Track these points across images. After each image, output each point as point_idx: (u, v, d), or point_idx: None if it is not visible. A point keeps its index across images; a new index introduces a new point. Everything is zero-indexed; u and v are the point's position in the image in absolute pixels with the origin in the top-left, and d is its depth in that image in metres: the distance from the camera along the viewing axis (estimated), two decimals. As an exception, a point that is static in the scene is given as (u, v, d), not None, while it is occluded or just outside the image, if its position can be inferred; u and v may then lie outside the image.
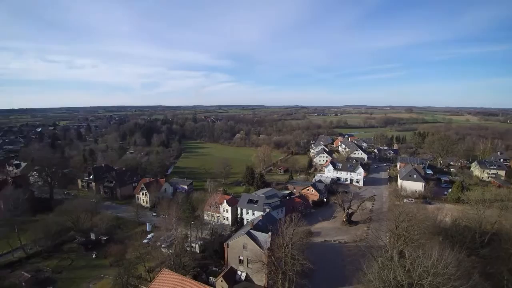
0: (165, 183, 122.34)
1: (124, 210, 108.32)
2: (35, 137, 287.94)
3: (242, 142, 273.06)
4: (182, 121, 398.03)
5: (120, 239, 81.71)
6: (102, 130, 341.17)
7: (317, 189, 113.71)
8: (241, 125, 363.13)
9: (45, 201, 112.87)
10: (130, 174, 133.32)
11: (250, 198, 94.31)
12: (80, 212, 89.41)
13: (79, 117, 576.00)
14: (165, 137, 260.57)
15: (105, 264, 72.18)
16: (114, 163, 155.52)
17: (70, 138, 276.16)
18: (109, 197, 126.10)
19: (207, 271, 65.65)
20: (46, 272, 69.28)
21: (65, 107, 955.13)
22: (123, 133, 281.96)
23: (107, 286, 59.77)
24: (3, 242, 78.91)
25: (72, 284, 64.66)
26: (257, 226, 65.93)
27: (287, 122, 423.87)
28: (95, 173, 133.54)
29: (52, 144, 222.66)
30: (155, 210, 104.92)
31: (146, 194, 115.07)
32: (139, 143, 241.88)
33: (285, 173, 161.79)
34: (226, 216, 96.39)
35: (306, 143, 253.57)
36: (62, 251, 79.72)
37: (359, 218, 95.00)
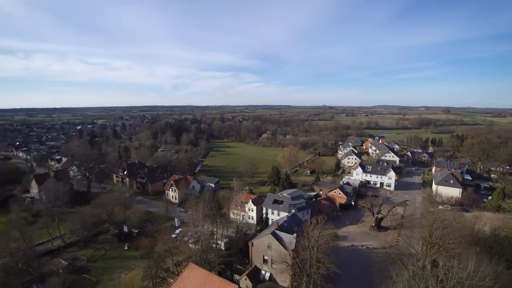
0: (193, 181, 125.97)
1: (155, 205, 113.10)
2: (75, 134, 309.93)
3: (268, 142, 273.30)
4: (210, 121, 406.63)
5: (150, 233, 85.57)
6: (135, 128, 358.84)
7: (345, 191, 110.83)
8: (267, 125, 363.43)
9: (83, 194, 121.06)
10: (160, 171, 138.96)
11: (276, 198, 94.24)
12: (114, 205, 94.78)
13: (115, 116, 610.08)
14: (193, 136, 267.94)
15: (136, 255, 75.93)
16: (146, 160, 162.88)
17: (107, 135, 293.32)
18: (141, 192, 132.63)
19: (231, 269, 66.66)
20: (82, 260, 74.16)
21: (103, 107, 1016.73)
22: (155, 132, 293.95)
23: (137, 276, 62.81)
24: (44, 231, 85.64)
25: (105, 273, 68.76)
26: (282, 226, 65.81)
27: (314, 122, 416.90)
28: (128, 169, 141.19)
29: (90, 141, 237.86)
30: (183, 206, 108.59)
31: (175, 191, 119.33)
32: (169, 141, 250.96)
33: (312, 174, 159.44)
34: (251, 215, 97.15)
35: (334, 144, 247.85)
36: (97, 241, 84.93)
37: (389, 223, 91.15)
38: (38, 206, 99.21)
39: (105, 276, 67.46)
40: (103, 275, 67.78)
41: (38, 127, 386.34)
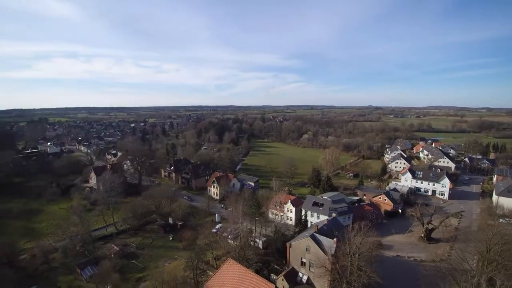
0: (233, 179, 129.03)
1: (197, 200, 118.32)
2: (129, 131, 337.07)
3: (309, 143, 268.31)
4: (251, 121, 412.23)
5: (192, 226, 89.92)
6: (182, 127, 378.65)
7: (391, 198, 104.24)
8: (309, 125, 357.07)
9: (134, 186, 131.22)
10: (203, 168, 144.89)
11: (316, 200, 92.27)
12: (161, 198, 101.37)
13: (164, 115, 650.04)
14: (235, 135, 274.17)
15: (179, 246, 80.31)
16: (191, 157, 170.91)
17: (157, 133, 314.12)
18: (185, 187, 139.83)
19: (268, 268, 66.91)
20: (131, 247, 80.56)
21: (154, 106, 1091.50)
22: (199, 130, 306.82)
23: (179, 266, 66.31)
24: (100, 218, 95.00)
25: (151, 260, 73.94)
26: (322, 230, 64.20)
27: (359, 123, 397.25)
28: (175, 165, 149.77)
29: (142, 138, 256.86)
30: (224, 203, 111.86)
31: (216, 187, 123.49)
32: (212, 140, 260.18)
33: (355, 178, 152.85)
34: (289, 216, 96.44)
35: (380, 147, 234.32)
36: (145, 230, 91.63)
37: (440, 235, 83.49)
38: (96, 195, 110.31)
39: (151, 263, 72.57)
40: (149, 262, 72.98)
41: (97, 124, 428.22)
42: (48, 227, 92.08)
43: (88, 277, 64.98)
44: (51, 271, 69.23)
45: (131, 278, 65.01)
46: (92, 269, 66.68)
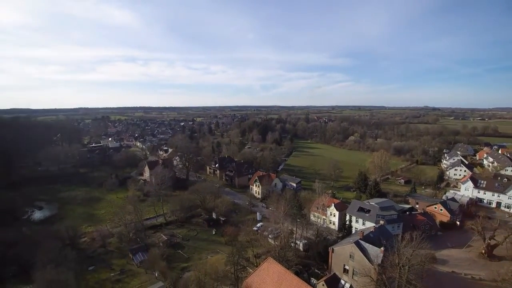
0: (275, 178, 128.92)
1: (240, 198, 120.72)
2: (179, 129, 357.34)
3: (356, 145, 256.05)
4: (295, 121, 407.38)
5: (235, 222, 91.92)
6: (227, 126, 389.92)
7: (448, 208, 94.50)
8: (355, 127, 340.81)
9: (182, 180, 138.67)
10: (246, 167, 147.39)
11: (362, 206, 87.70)
12: (206, 193, 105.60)
13: (211, 115, 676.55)
14: (278, 135, 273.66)
15: (221, 241, 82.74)
16: (235, 155, 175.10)
17: (203, 131, 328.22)
18: (229, 184, 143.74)
19: (309, 271, 65.46)
20: (178, 238, 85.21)
21: (201, 106, 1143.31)
22: (243, 130, 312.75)
23: (221, 260, 68.13)
24: (151, 208, 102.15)
25: (195, 252, 77.30)
26: (368, 237, 60.78)
27: (412, 125, 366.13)
28: (219, 162, 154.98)
29: (190, 136, 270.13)
30: (265, 202, 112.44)
31: (258, 186, 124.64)
32: (255, 139, 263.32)
33: (406, 184, 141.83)
34: (333, 220, 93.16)
35: (437, 152, 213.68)
36: (191, 223, 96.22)
37: (504, 252, 73.27)
38: (148, 187, 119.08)
39: (195, 254, 75.94)
40: (193, 254, 76.41)
41: (151, 122, 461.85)
42: (107, 214, 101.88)
43: (139, 262, 70.31)
44: (107, 254, 76.38)
45: (177, 267, 68.72)
46: (142, 255, 72.02)
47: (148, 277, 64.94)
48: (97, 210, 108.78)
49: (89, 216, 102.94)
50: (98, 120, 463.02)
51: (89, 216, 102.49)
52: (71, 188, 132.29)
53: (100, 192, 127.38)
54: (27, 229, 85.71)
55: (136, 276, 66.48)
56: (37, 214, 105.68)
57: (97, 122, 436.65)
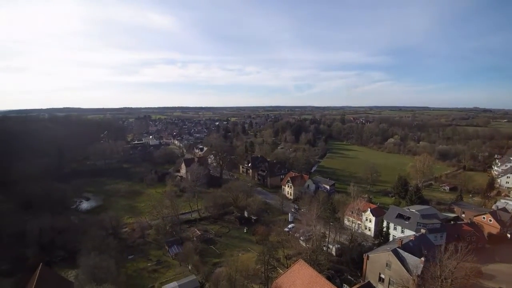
0: (308, 180, 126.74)
1: (271, 198, 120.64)
2: (214, 129, 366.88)
3: (396, 148, 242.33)
4: (330, 122, 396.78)
5: (266, 222, 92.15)
6: (260, 126, 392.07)
7: (498, 219, 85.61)
8: (395, 128, 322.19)
9: (216, 178, 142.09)
10: (279, 167, 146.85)
11: (401, 212, 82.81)
12: (239, 192, 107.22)
13: (245, 115, 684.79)
14: (312, 136, 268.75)
15: (252, 239, 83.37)
16: (267, 155, 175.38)
17: (237, 131, 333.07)
18: (261, 184, 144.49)
19: (341, 277, 63.41)
20: (211, 233, 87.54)
21: (236, 106, 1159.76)
22: (276, 130, 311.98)
23: (252, 258, 68.59)
24: (186, 204, 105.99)
25: (227, 249, 78.75)
26: (407, 246, 57.30)
27: (460, 128, 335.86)
28: (252, 162, 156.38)
29: (224, 135, 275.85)
30: (297, 203, 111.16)
31: (291, 187, 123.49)
32: (288, 140, 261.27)
33: (451, 191, 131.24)
34: (368, 226, 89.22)
35: (487, 158, 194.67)
36: (223, 220, 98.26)
37: None
38: (184, 183, 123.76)
39: (226, 251, 77.38)
40: (225, 250, 77.93)
41: (188, 122, 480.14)
42: (146, 207, 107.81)
43: (174, 254, 73.40)
44: (145, 245, 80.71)
45: (209, 262, 70.57)
46: (177, 248, 75.10)
47: (182, 269, 67.52)
48: (138, 203, 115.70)
49: (130, 208, 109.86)
50: (141, 119, 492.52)
51: (130, 208, 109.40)
52: (115, 182, 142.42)
53: (141, 186, 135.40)
54: (75, 218, 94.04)
55: (171, 267, 69.51)
56: (84, 205, 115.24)
57: (140, 121, 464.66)
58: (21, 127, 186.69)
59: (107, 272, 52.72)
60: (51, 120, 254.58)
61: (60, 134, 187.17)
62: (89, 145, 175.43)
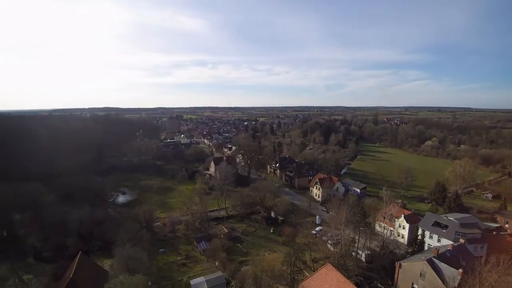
0: (337, 182, 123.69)
1: (299, 199, 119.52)
2: (242, 128, 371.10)
3: (433, 151, 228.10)
4: (361, 123, 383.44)
5: (293, 223, 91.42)
6: (289, 126, 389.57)
7: (556, 233, 77.21)
8: (433, 130, 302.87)
9: (244, 178, 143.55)
10: (307, 168, 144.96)
11: (438, 220, 77.99)
12: (266, 191, 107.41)
13: (273, 115, 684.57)
14: (342, 137, 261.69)
15: (278, 240, 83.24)
16: (295, 156, 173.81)
17: (265, 131, 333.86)
18: (288, 184, 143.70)
19: (371, 284, 61.31)
20: (238, 232, 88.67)
21: (264, 107, 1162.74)
22: (305, 131, 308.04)
23: (278, 259, 68.20)
24: (215, 201, 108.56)
25: (253, 248, 79.37)
26: (443, 256, 53.92)
27: (506, 131, 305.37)
28: (280, 162, 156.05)
29: (253, 135, 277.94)
30: (325, 205, 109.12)
31: (319, 189, 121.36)
32: (317, 140, 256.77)
33: (495, 199, 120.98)
34: (401, 233, 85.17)
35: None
36: (250, 219, 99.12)
37: None
38: (213, 181, 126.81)
39: (253, 250, 78.03)
40: (251, 249, 78.62)
41: (218, 121, 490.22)
42: (177, 203, 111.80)
43: (202, 250, 75.43)
44: (175, 239, 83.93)
45: (235, 260, 71.67)
46: (205, 244, 77.04)
47: (209, 265, 69.29)
48: (169, 198, 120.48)
49: (162, 203, 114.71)
50: (173, 119, 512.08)
51: (162, 204, 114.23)
52: (148, 178, 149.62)
53: (172, 183, 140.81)
54: (112, 211, 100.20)
55: (198, 262, 71.64)
56: (120, 198, 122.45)
57: (172, 120, 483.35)
58: (65, 125, 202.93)
59: (140, 263, 55.33)
60: (92, 119, 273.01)
61: (100, 132, 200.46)
62: (126, 142, 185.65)
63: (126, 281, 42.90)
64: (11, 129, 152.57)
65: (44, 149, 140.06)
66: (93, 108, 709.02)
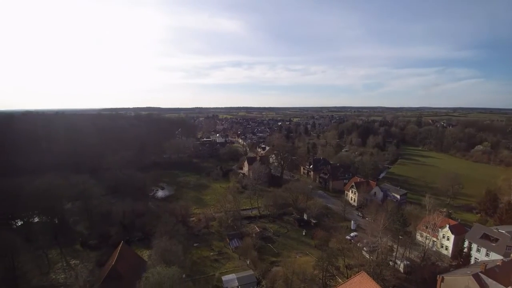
0: (375, 187, 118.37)
1: (333, 202, 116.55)
2: (276, 128, 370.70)
3: (484, 157, 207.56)
4: (403, 124, 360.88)
5: (326, 227, 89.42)
6: (323, 127, 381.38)
7: None
8: (485, 134, 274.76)
9: (276, 178, 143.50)
10: (342, 171, 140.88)
11: (487, 232, 71.17)
12: (299, 193, 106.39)
13: (308, 115, 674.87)
14: (381, 140, 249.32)
15: (310, 243, 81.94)
16: (330, 158, 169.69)
17: (299, 132, 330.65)
18: (322, 187, 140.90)
19: (409, 296, 57.83)
20: (269, 232, 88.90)
21: (298, 107, 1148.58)
22: (341, 132, 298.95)
23: (309, 263, 67.57)
24: (247, 200, 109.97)
25: (284, 249, 79.04)
26: (492, 271, 49.29)
27: None
28: (314, 164, 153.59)
29: (286, 135, 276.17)
30: (361, 210, 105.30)
31: (355, 193, 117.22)
32: (354, 142, 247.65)
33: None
34: (445, 244, 79.16)
35: None
36: (282, 220, 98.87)
37: None
38: (246, 181, 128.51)
39: (284, 251, 77.79)
40: (283, 250, 78.43)
41: (252, 121, 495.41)
42: (211, 200, 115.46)
43: (234, 247, 76.99)
44: (209, 235, 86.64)
45: (266, 260, 71.99)
46: (237, 242, 78.61)
47: (240, 263, 70.49)
48: (204, 195, 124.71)
49: (197, 199, 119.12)
50: (209, 118, 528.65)
51: (197, 200, 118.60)
52: (185, 174, 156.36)
53: (207, 180, 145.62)
54: (152, 204, 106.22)
55: (230, 259, 73.21)
56: (160, 193, 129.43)
57: (208, 120, 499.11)
58: (112, 123, 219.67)
59: (176, 255, 57.84)
60: (136, 118, 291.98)
61: (143, 130, 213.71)
62: (165, 140, 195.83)
63: (162, 272, 45.20)
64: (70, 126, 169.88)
65: (93, 145, 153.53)
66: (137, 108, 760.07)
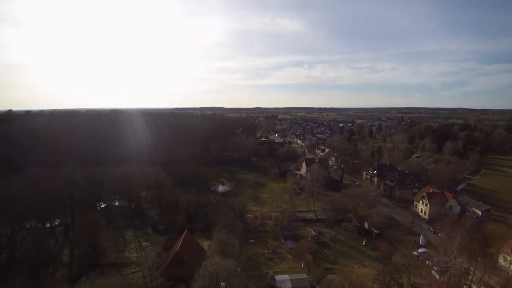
0: (452, 199, 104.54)
1: (399, 213, 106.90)
2: (337, 130, 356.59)
3: None
4: (489, 129, 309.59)
5: (390, 239, 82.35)
6: (391, 130, 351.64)
7: None
8: None
9: (336, 182, 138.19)
10: (412, 179, 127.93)
11: None
12: (360, 200, 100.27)
13: (373, 117, 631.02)
14: (461, 146, 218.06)
15: (371, 255, 76.49)
16: (398, 164, 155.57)
17: (363, 134, 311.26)
18: (387, 195, 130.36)
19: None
20: (326, 237, 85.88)
21: (363, 107, 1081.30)
22: (412, 136, 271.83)
23: (369, 275, 62.78)
24: (304, 202, 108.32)
25: (341, 257, 75.36)
26: None
27: None
28: (378, 169, 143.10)
29: (348, 138, 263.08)
30: (433, 224, 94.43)
31: (426, 204, 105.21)
32: (428, 148, 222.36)
33: None
34: (543, 275, 65.30)
35: None
36: (340, 226, 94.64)
37: None
38: (304, 182, 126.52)
39: (341, 259, 74.21)
40: (340, 258, 74.92)
41: (312, 122, 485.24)
42: (268, 198, 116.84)
43: (288, 248, 76.45)
44: (264, 233, 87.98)
45: (321, 265, 69.51)
46: (292, 243, 77.86)
47: (294, 265, 69.69)
48: (261, 193, 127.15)
49: (254, 197, 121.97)
50: (269, 118, 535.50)
51: (254, 197, 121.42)
52: (244, 172, 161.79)
53: (265, 179, 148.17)
54: (213, 198, 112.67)
55: (284, 260, 73.00)
56: (220, 188, 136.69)
57: (268, 119, 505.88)
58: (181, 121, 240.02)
59: (233, 249, 60.11)
60: (202, 117, 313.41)
61: (207, 128, 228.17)
62: (227, 138, 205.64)
63: (220, 263, 47.55)
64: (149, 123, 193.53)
65: (165, 140, 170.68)
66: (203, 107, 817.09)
